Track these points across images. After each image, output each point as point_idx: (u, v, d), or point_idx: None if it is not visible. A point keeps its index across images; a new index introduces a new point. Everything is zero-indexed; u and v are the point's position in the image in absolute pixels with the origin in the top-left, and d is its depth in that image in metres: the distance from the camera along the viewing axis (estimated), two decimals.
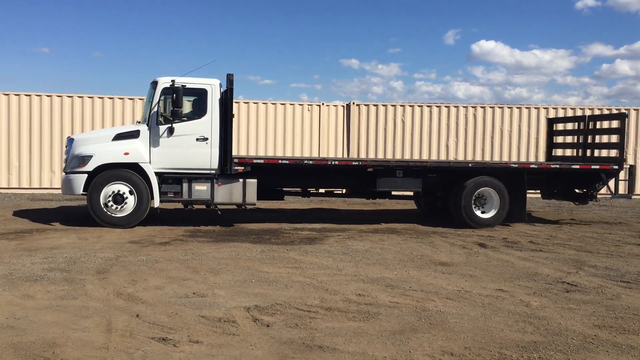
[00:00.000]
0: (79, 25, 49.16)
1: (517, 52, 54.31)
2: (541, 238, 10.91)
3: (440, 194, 12.63)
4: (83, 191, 10.93)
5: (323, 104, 18.85)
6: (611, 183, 13.10)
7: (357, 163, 12.15)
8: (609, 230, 12.27)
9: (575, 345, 5.02)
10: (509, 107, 19.33)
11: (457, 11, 53.87)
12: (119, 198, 10.87)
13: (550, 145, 15.27)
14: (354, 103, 18.86)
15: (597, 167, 12.68)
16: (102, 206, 10.87)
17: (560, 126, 16.03)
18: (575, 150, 14.90)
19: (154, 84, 11.24)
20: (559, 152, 15.83)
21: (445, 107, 19.12)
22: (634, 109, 19.31)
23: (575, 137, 14.67)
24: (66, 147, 11.57)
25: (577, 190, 13.32)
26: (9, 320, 5.35)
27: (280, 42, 54.48)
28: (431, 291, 6.76)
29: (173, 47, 52.72)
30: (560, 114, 19.28)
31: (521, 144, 19.21)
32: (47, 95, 17.39)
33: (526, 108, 19.38)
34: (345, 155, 18.67)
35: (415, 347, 4.89)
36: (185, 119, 11.06)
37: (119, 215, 10.93)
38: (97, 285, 6.73)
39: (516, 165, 12.65)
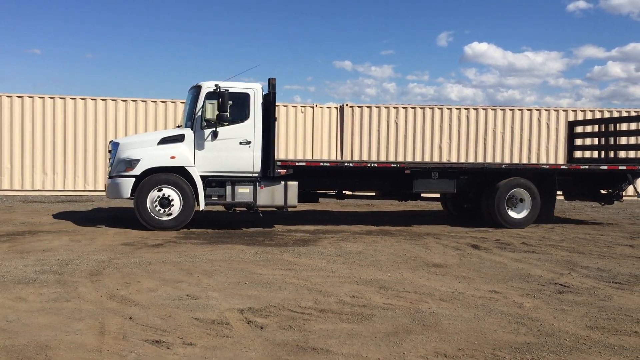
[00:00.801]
0: (70, 27, 49.01)
1: (510, 54, 54.58)
2: (534, 239, 10.95)
3: (472, 195, 12.83)
4: (130, 195, 11.01)
5: (316, 105, 18.87)
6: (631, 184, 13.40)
7: (395, 165, 12.43)
8: (601, 231, 12.34)
9: (568, 346, 5.04)
10: (501, 109, 19.41)
11: (449, 13, 54.10)
12: (165, 202, 10.96)
13: (571, 147, 15.48)
14: (347, 105, 18.89)
15: (624, 167, 12.95)
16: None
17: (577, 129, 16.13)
18: (597, 152, 15.08)
19: (197, 88, 11.35)
20: (575, 154, 15.93)
21: (438, 108, 19.18)
22: None
23: (597, 139, 14.95)
24: (110, 151, 11.61)
25: (602, 191, 13.58)
26: (0, 323, 5.32)
27: (273, 43, 54.51)
28: (424, 293, 6.77)
29: (164, 48, 52.62)
30: (553, 115, 19.39)
31: (514, 145, 19.29)
32: (40, 97, 17.33)
33: (519, 110, 19.47)
34: (339, 157, 18.69)
35: (408, 349, 4.90)
36: (227, 123, 11.11)
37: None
38: (89, 287, 6.70)
39: (547, 167, 12.99)
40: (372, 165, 12.28)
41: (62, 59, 50.82)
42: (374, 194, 13.31)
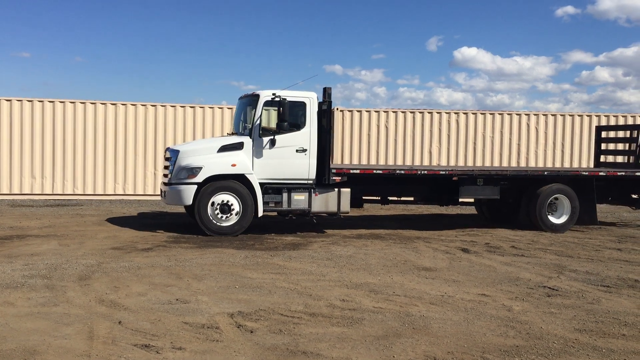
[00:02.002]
0: (60, 30, 48.71)
1: (499, 58, 54.79)
2: (523, 243, 11.02)
3: (511, 200, 13.15)
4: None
5: None
6: None
7: (444, 172, 12.62)
8: (589, 235, 12.43)
9: (557, 349, 5.08)
10: (490, 114, 19.50)
11: (439, 18, 54.25)
12: (225, 208, 11.12)
13: (598, 152, 15.71)
14: (337, 109, 18.91)
15: None
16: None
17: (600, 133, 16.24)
18: (626, 157, 15.30)
19: (254, 97, 11.56)
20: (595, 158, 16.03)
21: (428, 113, 19.24)
22: None
23: (623, 144, 15.27)
24: (168, 158, 11.69)
25: (633, 196, 13.93)
26: None
27: (263, 47, 54.49)
28: (414, 296, 6.79)
29: (152, 52, 52.42)
30: (542, 120, 19.51)
31: (503, 149, 19.39)
32: (28, 100, 17.21)
33: (508, 114, 19.58)
34: (330, 162, 18.65)
35: (398, 352, 4.91)
36: (285, 131, 11.28)
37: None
38: (78, 292, 6.66)
39: (587, 173, 13.31)
40: (422, 172, 12.52)
41: (52, 62, 50.47)
42: (413, 199, 13.63)
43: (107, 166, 17.59)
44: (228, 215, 11.14)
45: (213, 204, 11.07)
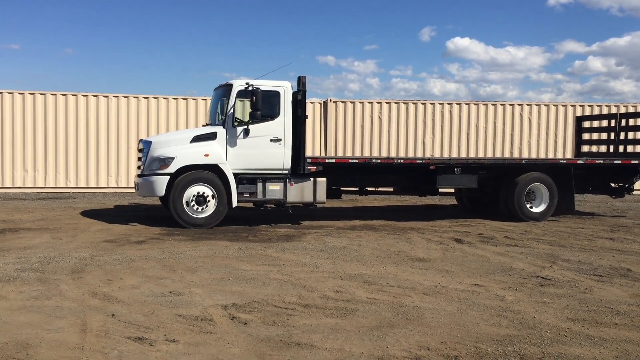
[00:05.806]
0: (49, 22, 48.36)
1: (492, 49, 54.88)
2: (516, 233, 11.05)
3: (490, 189, 13.11)
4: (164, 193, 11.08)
5: None
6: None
7: (420, 161, 12.65)
8: (582, 224, 12.48)
9: (549, 338, 5.10)
10: (484, 104, 19.53)
11: (431, 8, 54.27)
12: (201, 199, 11.06)
13: (579, 142, 15.78)
14: (331, 100, 18.89)
15: (637, 162, 13.34)
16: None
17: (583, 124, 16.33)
18: (606, 146, 15.38)
19: (228, 87, 11.47)
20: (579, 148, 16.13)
21: (422, 104, 19.25)
22: None
23: (606, 134, 15.40)
24: (140, 149, 11.61)
25: (613, 185, 13.99)
26: None
27: (255, 39, 54.29)
28: (408, 287, 6.80)
29: (143, 44, 52.13)
30: (535, 110, 19.56)
31: (496, 140, 19.43)
32: (19, 93, 17.10)
33: (501, 105, 19.61)
34: (323, 153, 18.68)
35: (392, 343, 4.92)
36: (259, 121, 11.22)
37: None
38: (71, 285, 6.64)
39: (565, 162, 13.43)
40: (399, 161, 12.55)
41: (42, 54, 50.17)
42: (394, 189, 13.61)
43: (100, 159, 17.53)
44: (204, 207, 11.05)
45: (189, 195, 10.98)
